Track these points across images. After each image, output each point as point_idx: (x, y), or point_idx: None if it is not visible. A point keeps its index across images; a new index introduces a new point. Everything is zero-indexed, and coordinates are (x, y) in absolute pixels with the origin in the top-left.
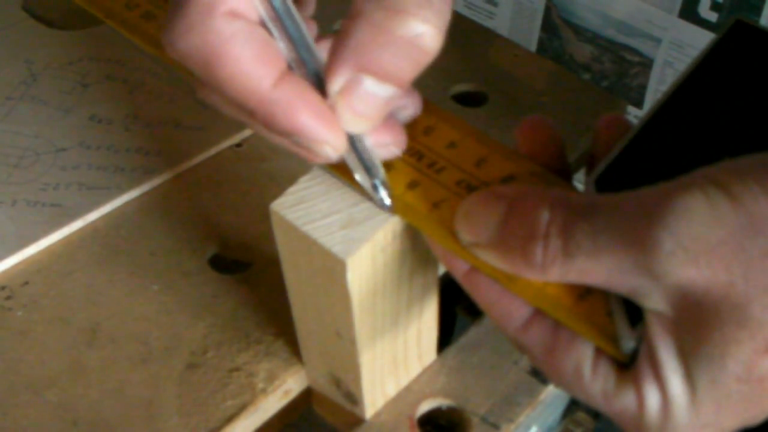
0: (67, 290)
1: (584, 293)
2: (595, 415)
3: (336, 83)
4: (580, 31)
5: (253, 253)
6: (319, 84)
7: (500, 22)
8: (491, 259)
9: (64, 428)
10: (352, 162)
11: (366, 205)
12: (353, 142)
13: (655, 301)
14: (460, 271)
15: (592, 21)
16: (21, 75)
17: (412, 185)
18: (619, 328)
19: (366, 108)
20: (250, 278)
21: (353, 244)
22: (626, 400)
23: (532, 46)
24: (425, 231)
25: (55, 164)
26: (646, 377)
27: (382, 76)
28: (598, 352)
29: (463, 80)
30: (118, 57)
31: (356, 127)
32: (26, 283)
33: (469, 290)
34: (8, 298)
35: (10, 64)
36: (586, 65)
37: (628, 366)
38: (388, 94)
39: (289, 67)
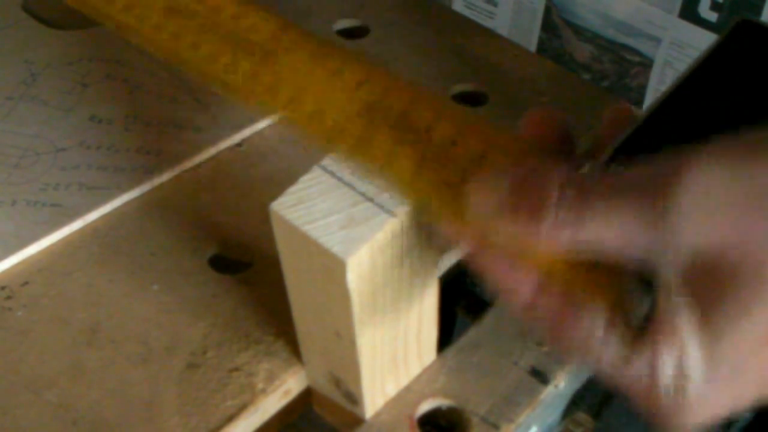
0: (67, 290)
1: (595, 265)
2: (596, 414)
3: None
4: (580, 31)
5: (253, 253)
6: None
7: (500, 22)
8: (502, 225)
9: (63, 428)
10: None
11: (366, 205)
12: None
13: (670, 262)
14: (467, 248)
15: (592, 21)
16: (21, 75)
17: (419, 169)
18: (632, 292)
19: None
20: (250, 278)
21: (353, 244)
22: (640, 366)
23: (532, 46)
24: (435, 209)
25: (55, 164)
26: (662, 341)
27: None
28: (611, 317)
29: (463, 80)
30: (118, 57)
31: None
32: (26, 283)
33: (477, 267)
34: (8, 298)
35: (10, 64)
36: (586, 65)
37: (641, 331)
38: None
39: None
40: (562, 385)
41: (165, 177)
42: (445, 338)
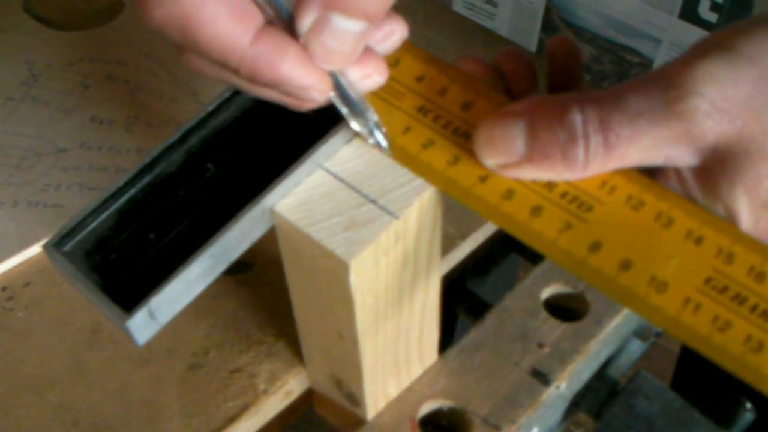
0: (68, 291)
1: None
2: (596, 415)
3: (304, 23)
4: (579, 32)
5: (254, 254)
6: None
7: (500, 22)
8: (526, 173)
9: (65, 429)
10: (344, 109)
11: (368, 207)
12: (338, 84)
13: (687, 160)
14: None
15: (592, 21)
16: (22, 76)
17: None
18: None
19: (338, 44)
20: (251, 279)
21: (356, 246)
22: None
23: (532, 46)
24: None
25: (56, 165)
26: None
27: (350, 12)
28: None
29: None
30: (119, 58)
31: (332, 63)
32: (28, 283)
33: None
34: (10, 298)
35: (11, 64)
36: (586, 66)
37: None
38: (359, 29)
39: (270, 23)
40: (563, 387)
41: None
42: (447, 339)
